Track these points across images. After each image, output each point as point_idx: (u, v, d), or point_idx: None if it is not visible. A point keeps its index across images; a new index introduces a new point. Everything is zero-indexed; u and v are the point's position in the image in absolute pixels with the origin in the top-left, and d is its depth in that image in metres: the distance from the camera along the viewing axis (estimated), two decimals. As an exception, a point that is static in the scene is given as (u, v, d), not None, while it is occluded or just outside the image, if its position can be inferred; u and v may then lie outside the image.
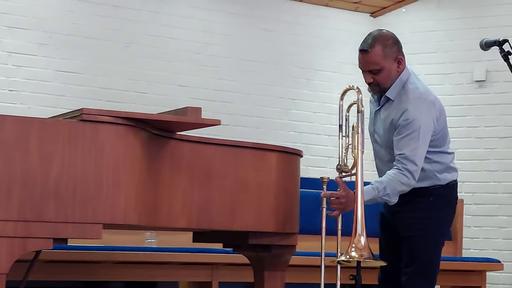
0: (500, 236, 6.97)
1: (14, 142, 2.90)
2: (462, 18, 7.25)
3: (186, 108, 3.41)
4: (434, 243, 3.96)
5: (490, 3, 7.24)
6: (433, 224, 3.94)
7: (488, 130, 6.63)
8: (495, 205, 7.03)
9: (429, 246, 3.93)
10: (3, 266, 2.85)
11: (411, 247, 3.91)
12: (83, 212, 3.00)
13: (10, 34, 6.51)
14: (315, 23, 7.70)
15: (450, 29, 7.36)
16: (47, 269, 4.70)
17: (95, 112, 3.09)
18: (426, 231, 3.91)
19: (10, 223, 2.87)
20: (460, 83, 7.09)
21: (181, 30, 7.13)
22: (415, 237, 3.90)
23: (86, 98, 6.47)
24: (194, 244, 4.52)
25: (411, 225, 3.93)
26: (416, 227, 3.91)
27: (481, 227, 7.04)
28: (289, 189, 3.97)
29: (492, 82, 6.94)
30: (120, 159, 3.12)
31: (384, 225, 4.11)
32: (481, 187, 6.94)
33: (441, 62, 7.19)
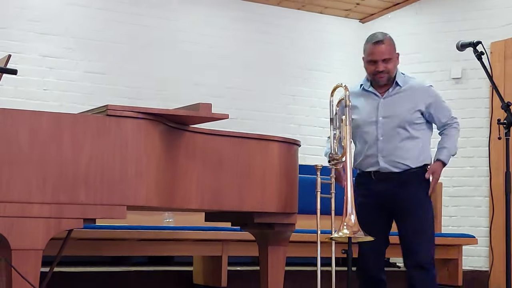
0: (475, 215, 6.98)
1: (49, 135, 2.91)
2: (440, 23, 7.25)
3: (198, 104, 3.41)
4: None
5: (465, 9, 7.22)
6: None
7: (465, 121, 6.59)
8: (471, 187, 7.03)
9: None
10: (39, 243, 2.87)
11: (420, 216, 4.05)
12: (109, 195, 3.01)
13: (43, 40, 6.53)
14: (311, 28, 7.70)
15: (430, 33, 7.36)
16: (78, 246, 4.71)
17: (119, 108, 3.10)
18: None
19: (46, 206, 2.88)
20: (440, 80, 7.07)
21: (193, 35, 7.13)
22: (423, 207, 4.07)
23: (110, 96, 6.50)
24: (206, 223, 4.52)
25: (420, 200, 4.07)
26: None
27: (458, 207, 7.05)
28: (289, 174, 3.97)
29: (467, 79, 6.95)
30: (142, 149, 3.13)
31: (380, 205, 4.08)
32: (458, 171, 6.94)
33: (423, 62, 7.18)
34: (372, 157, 4.07)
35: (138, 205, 3.14)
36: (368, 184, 4.09)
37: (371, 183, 4.08)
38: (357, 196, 3.90)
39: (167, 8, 7.03)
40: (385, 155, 4.04)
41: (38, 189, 2.87)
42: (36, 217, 2.87)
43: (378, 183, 4.05)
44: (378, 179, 4.06)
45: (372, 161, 4.07)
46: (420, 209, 4.05)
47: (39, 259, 2.88)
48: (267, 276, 4.12)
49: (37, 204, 2.87)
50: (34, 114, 2.92)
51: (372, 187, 4.08)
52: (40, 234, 2.87)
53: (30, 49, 6.46)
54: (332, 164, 3.85)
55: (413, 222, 4.04)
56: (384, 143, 4.03)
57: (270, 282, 4.12)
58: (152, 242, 5.13)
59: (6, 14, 6.40)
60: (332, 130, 3.90)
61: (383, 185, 4.04)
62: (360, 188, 4.09)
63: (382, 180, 4.04)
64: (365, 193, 4.07)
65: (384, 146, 4.04)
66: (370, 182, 4.09)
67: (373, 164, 4.07)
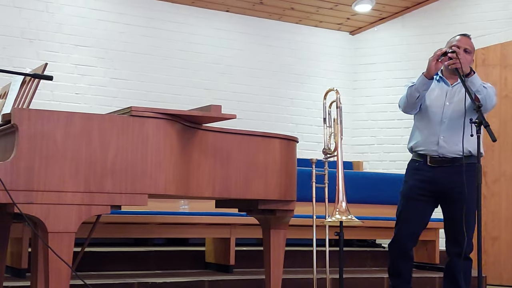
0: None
1: (80, 133, 2.92)
2: (420, 35, 7.23)
3: (209, 106, 3.41)
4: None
5: (443, 23, 7.20)
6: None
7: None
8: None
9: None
10: (72, 227, 2.87)
11: (471, 210, 3.69)
12: (133, 185, 3.02)
13: (76, 50, 6.54)
14: (307, 40, 7.69)
15: (411, 44, 7.34)
16: (105, 229, 4.73)
17: (141, 109, 3.10)
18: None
19: (78, 194, 2.89)
20: (419, 85, 7.07)
21: (205, 47, 7.12)
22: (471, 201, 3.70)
23: (133, 99, 6.49)
24: (216, 209, 4.52)
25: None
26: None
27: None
28: (289, 167, 3.96)
29: (444, 83, 6.95)
30: (161, 144, 3.13)
31: (428, 191, 3.90)
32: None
33: (404, 69, 7.16)
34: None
35: (158, 193, 3.14)
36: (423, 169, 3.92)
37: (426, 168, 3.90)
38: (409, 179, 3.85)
39: (183, 24, 7.03)
40: (428, 137, 3.92)
41: (72, 179, 2.88)
42: (70, 204, 2.87)
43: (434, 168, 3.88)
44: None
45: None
46: (470, 199, 3.73)
47: (72, 241, 2.88)
48: (269, 255, 4.12)
49: (71, 193, 2.87)
50: (68, 115, 2.92)
51: (426, 173, 3.91)
52: (73, 218, 2.88)
53: (65, 59, 6.46)
54: (326, 157, 3.84)
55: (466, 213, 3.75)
56: (445, 121, 3.91)
57: (272, 261, 4.12)
58: (170, 226, 5.15)
59: (45, 29, 6.40)
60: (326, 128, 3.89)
61: (439, 171, 3.87)
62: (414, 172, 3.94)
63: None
64: (419, 178, 3.91)
65: (446, 123, 3.90)
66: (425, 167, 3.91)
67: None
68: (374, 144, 7.46)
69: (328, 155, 3.83)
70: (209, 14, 7.18)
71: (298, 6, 7.26)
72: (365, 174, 6.88)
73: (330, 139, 3.84)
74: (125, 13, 6.78)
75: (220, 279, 4.97)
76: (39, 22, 6.40)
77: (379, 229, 5.89)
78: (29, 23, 6.35)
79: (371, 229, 5.81)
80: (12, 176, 2.76)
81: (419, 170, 3.93)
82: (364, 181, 6.34)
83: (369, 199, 6.19)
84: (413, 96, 3.86)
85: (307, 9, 7.35)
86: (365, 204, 5.98)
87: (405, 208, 3.95)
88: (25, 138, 2.82)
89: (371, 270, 5.99)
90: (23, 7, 6.33)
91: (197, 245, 5.99)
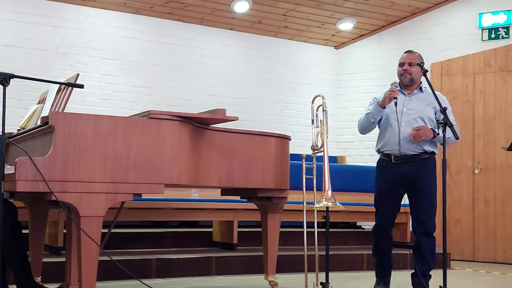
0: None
1: (107, 132, 2.92)
2: (394, 49, 7.22)
3: (216, 109, 3.42)
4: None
5: (413, 39, 7.19)
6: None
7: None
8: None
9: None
10: (101, 212, 2.88)
11: (431, 196, 3.87)
12: (152, 176, 3.02)
13: (103, 63, 6.53)
14: (299, 53, 7.68)
15: (387, 57, 7.32)
16: (129, 213, 4.74)
17: (158, 113, 3.10)
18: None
19: (106, 184, 2.90)
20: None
21: (212, 59, 7.11)
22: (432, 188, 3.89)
23: (151, 104, 6.49)
24: (222, 196, 4.52)
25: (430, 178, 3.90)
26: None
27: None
28: (283, 161, 3.98)
29: (414, 91, 6.95)
30: (175, 142, 3.13)
31: (397, 183, 3.92)
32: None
33: (381, 78, 7.15)
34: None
35: (172, 183, 3.15)
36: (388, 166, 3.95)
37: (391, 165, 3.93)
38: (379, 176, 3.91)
39: (193, 40, 7.02)
40: (388, 138, 3.95)
41: (100, 172, 2.89)
42: (98, 192, 2.88)
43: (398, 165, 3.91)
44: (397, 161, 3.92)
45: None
46: (429, 188, 3.89)
47: (101, 223, 2.89)
48: (267, 235, 4.13)
49: (99, 183, 2.88)
50: (97, 117, 2.93)
51: (392, 169, 3.92)
52: (101, 205, 2.89)
53: (93, 70, 6.46)
54: (314, 152, 3.84)
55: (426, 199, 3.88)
56: (403, 126, 3.92)
57: (269, 240, 4.13)
58: (183, 211, 5.16)
59: (77, 45, 6.40)
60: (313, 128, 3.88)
61: (403, 167, 3.90)
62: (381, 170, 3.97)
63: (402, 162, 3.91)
64: (387, 173, 3.93)
65: (404, 128, 3.91)
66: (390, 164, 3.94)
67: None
68: (355, 142, 7.47)
69: (316, 151, 3.83)
70: (215, 32, 7.18)
71: (291, 24, 7.26)
72: (347, 167, 6.89)
73: (317, 137, 3.83)
74: (144, 31, 6.78)
75: (225, 255, 4.99)
76: (71, 38, 6.39)
77: (359, 213, 5.90)
78: (63, 40, 6.35)
79: (352, 213, 5.82)
80: (50, 169, 2.77)
81: (386, 167, 3.96)
82: (346, 173, 6.35)
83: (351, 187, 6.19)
84: (369, 121, 3.97)
85: (298, 27, 7.35)
86: (347, 192, 5.99)
87: (381, 199, 3.99)
88: (61, 137, 2.83)
89: (353, 248, 6.00)
90: (57, 26, 6.33)
91: (205, 227, 5.99)
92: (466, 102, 6.88)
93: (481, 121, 6.79)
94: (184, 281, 4.50)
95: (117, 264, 3.36)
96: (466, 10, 7.00)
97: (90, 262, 2.85)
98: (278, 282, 4.25)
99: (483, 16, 6.88)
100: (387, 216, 3.96)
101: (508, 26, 6.76)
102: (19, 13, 6.13)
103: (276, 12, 6.94)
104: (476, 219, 6.71)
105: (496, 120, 6.72)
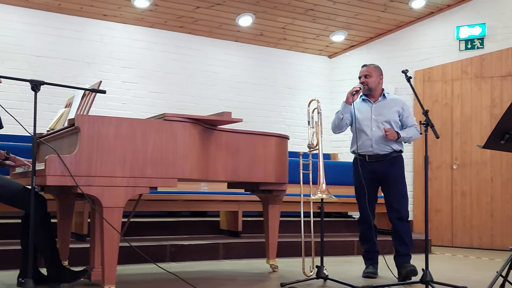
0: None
1: (127, 133, 2.94)
2: (381, 58, 7.21)
3: (223, 112, 3.43)
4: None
5: (397, 49, 7.19)
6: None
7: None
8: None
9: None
10: (121, 203, 2.89)
11: (401, 187, 3.95)
12: (166, 171, 3.03)
13: (123, 71, 6.54)
14: (296, 62, 7.67)
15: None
16: (146, 204, 4.74)
17: (172, 115, 3.12)
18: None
19: (125, 178, 2.91)
20: (381, 96, 7.05)
21: (219, 68, 7.11)
22: (402, 180, 3.98)
23: (165, 107, 6.48)
24: (228, 189, 4.53)
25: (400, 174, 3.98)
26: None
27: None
28: (282, 158, 3.99)
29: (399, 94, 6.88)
30: (186, 141, 3.14)
31: (372, 179, 3.98)
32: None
33: (370, 84, 7.15)
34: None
35: (184, 178, 3.15)
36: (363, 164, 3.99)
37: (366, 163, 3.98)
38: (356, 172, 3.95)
39: (202, 51, 7.02)
40: (361, 140, 4.02)
41: (120, 167, 2.90)
42: (119, 186, 2.89)
43: (372, 163, 3.98)
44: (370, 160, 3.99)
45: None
46: (400, 180, 3.98)
47: (121, 213, 2.90)
48: (268, 224, 4.13)
49: (120, 178, 2.89)
50: (117, 120, 2.94)
51: (367, 166, 3.98)
52: (122, 197, 2.90)
53: (115, 77, 6.46)
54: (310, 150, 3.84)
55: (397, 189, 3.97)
56: (372, 131, 4.00)
57: (270, 228, 4.13)
58: (194, 202, 5.15)
59: (100, 55, 6.40)
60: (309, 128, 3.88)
61: (376, 164, 3.97)
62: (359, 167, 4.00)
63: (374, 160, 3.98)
64: (363, 170, 3.96)
65: (374, 132, 3.99)
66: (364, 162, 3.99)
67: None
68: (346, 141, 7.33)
69: (311, 149, 3.83)
70: (222, 43, 7.17)
71: (289, 37, 7.25)
72: (339, 163, 6.87)
73: (313, 137, 3.83)
74: (159, 43, 6.77)
75: (231, 241, 4.99)
76: (95, 50, 6.40)
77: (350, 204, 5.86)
78: (88, 51, 6.35)
79: (344, 204, 5.80)
80: (76, 165, 2.78)
81: (362, 166, 3.99)
82: (339, 168, 6.34)
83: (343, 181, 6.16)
84: (339, 118, 4.01)
85: (296, 39, 7.34)
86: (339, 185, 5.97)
87: (360, 194, 4.02)
88: (85, 137, 2.84)
89: (345, 235, 6.00)
90: (83, 39, 6.33)
91: (213, 216, 5.99)
92: (445, 105, 6.87)
93: (459, 122, 6.78)
94: (195, 265, 4.51)
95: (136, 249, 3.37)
96: (445, 24, 6.99)
97: (111, 248, 2.86)
98: (278, 265, 4.25)
99: (460, 28, 6.86)
100: (368, 207, 3.97)
101: (483, 37, 6.75)
102: (51, 28, 6.15)
103: (276, 25, 6.94)
104: (454, 209, 6.70)
105: (472, 121, 6.71)
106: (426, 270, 3.32)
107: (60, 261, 3.19)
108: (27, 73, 5.82)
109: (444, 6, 6.94)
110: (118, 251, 2.89)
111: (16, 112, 3.34)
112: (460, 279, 3.95)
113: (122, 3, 6.13)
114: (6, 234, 4.30)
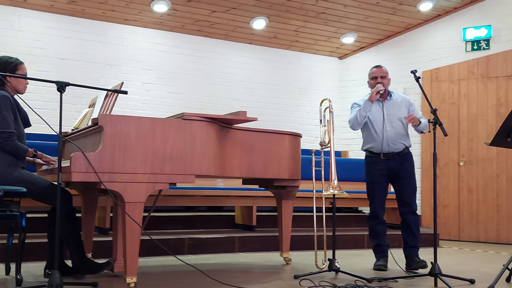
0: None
1: (147, 131, 2.94)
2: (390, 60, 7.16)
3: (238, 111, 3.43)
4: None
5: (406, 51, 7.14)
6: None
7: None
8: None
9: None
10: (142, 198, 2.90)
11: (413, 182, 4.00)
12: (184, 168, 3.03)
13: (143, 73, 6.55)
14: (308, 63, 7.64)
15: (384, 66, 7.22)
16: (165, 199, 4.76)
17: (190, 115, 3.12)
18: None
19: (146, 175, 2.91)
20: (390, 95, 7.00)
21: (235, 69, 7.10)
22: (413, 176, 4.03)
23: (184, 107, 6.49)
24: (243, 185, 4.53)
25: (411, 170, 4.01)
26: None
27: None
28: (295, 155, 3.97)
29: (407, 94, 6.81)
30: (204, 139, 3.14)
31: (385, 176, 3.99)
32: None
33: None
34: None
35: (202, 174, 3.16)
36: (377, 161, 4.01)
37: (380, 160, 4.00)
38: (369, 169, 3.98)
39: (219, 53, 7.01)
40: (374, 138, 4.04)
41: (142, 164, 2.90)
42: (140, 182, 2.90)
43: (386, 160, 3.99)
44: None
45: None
46: (411, 176, 4.02)
47: (142, 208, 2.91)
48: (281, 218, 4.13)
49: (141, 174, 2.90)
50: (139, 119, 2.95)
51: (381, 164, 3.99)
52: (143, 192, 2.90)
53: (135, 79, 6.48)
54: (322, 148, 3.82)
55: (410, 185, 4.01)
56: (386, 127, 4.02)
57: (284, 222, 4.13)
58: (210, 197, 5.16)
59: (122, 58, 6.42)
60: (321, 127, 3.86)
61: (390, 162, 3.99)
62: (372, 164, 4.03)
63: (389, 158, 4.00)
64: (377, 167, 3.99)
65: (390, 129, 4.02)
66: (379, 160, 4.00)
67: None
68: (356, 138, 7.39)
69: (323, 147, 3.81)
70: (237, 46, 7.16)
71: (301, 39, 7.22)
72: (350, 160, 6.84)
73: (324, 135, 3.81)
74: (177, 46, 6.78)
75: (246, 235, 4.99)
76: (117, 52, 6.42)
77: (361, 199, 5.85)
78: (110, 54, 6.38)
79: (355, 199, 5.79)
80: (100, 162, 2.80)
81: (376, 162, 3.99)
82: (349, 165, 6.30)
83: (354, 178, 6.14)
84: (362, 115, 4.00)
85: (308, 41, 7.31)
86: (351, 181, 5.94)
87: (373, 190, 4.02)
88: (108, 136, 2.85)
89: (355, 229, 5.97)
90: (105, 42, 6.36)
91: (229, 211, 5.99)
92: (452, 104, 6.80)
93: (465, 121, 6.71)
94: (212, 257, 4.51)
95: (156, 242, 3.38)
96: (452, 26, 6.92)
97: (133, 241, 2.87)
98: (292, 258, 4.24)
99: (467, 30, 6.79)
100: (379, 203, 4.00)
101: (489, 39, 6.67)
102: (75, 32, 6.18)
103: (288, 28, 6.91)
104: (461, 205, 6.64)
105: (478, 119, 6.64)
106: (435, 263, 3.29)
107: (84, 253, 3.22)
108: (52, 75, 5.87)
109: (451, 9, 6.87)
110: (139, 244, 2.90)
111: (42, 112, 3.37)
112: (468, 271, 3.91)
113: (142, 8, 6.15)
114: (34, 227, 4.35)
